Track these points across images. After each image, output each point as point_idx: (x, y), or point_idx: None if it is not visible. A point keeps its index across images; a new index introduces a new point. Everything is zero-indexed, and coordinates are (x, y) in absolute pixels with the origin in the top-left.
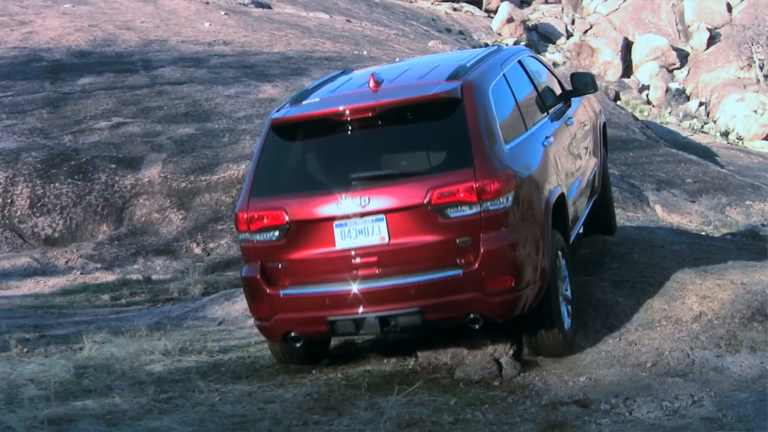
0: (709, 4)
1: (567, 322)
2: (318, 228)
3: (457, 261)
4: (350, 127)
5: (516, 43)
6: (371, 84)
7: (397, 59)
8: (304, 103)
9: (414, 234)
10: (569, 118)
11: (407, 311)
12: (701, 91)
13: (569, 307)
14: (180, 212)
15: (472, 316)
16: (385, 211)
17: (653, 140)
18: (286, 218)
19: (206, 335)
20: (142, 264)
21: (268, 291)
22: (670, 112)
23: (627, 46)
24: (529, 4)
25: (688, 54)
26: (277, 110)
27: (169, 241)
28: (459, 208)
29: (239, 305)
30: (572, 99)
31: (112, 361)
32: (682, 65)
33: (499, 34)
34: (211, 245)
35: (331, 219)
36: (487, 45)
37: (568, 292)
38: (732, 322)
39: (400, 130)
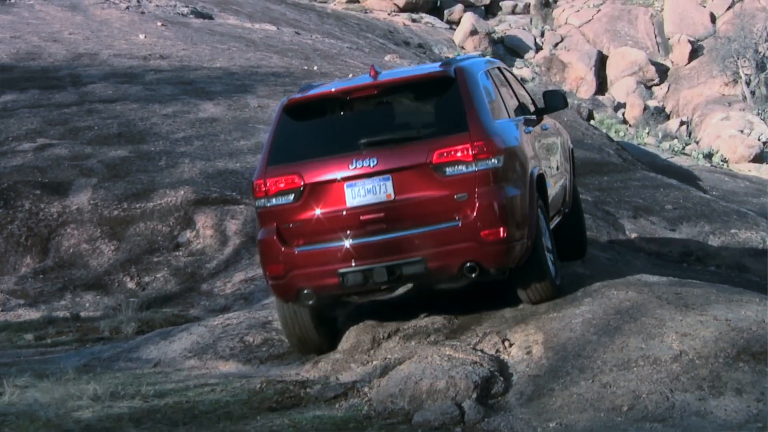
0: (690, 14)
1: (552, 270)
2: (330, 189)
3: (456, 214)
4: (357, 104)
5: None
6: (371, 73)
7: (350, 75)
8: (311, 91)
9: (417, 191)
10: (544, 124)
11: (411, 260)
12: (682, 110)
13: (552, 256)
14: (112, 243)
15: (468, 264)
16: (391, 171)
17: (630, 163)
18: (301, 182)
19: (140, 378)
20: (70, 300)
21: (283, 249)
22: (648, 133)
23: (601, 61)
24: (494, 14)
25: (667, 69)
26: (287, 99)
27: (99, 275)
28: (456, 166)
29: (177, 345)
30: (544, 116)
31: (36, 408)
32: (661, 81)
33: (462, 48)
34: (147, 279)
35: (343, 180)
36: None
37: (549, 244)
38: (715, 362)
39: (401, 104)
